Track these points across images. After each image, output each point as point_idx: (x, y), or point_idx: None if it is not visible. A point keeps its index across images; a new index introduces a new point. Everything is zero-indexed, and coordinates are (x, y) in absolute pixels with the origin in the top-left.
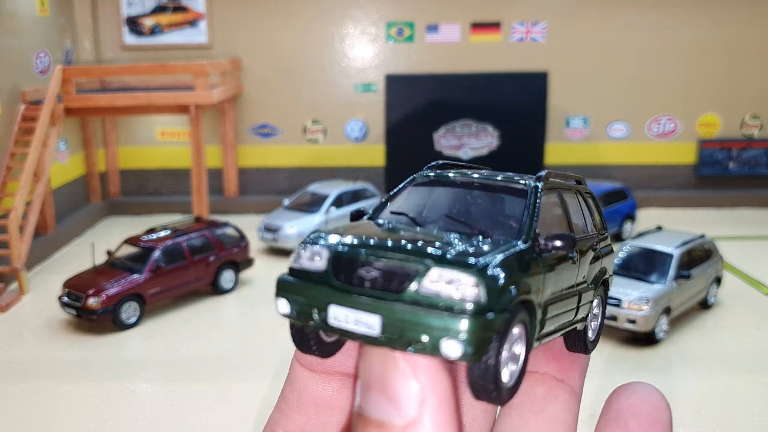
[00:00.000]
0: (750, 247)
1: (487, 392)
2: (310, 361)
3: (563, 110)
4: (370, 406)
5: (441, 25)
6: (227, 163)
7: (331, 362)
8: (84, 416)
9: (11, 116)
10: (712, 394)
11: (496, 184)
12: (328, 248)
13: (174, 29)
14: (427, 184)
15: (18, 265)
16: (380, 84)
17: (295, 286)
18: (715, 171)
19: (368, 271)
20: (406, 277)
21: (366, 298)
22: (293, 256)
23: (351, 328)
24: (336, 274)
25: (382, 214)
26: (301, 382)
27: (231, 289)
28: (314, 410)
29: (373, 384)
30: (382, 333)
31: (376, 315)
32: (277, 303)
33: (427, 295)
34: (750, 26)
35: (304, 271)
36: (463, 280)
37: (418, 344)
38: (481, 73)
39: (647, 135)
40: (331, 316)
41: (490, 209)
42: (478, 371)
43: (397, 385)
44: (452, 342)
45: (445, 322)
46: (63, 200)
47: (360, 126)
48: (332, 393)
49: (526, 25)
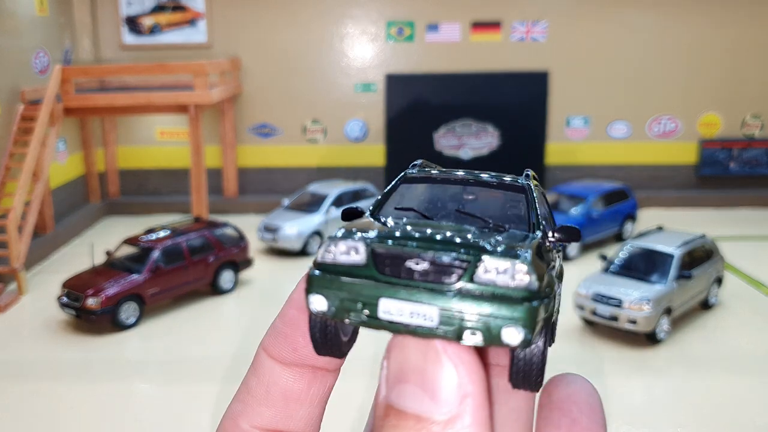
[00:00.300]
0: (751, 248)
1: (530, 379)
2: (281, 353)
3: (564, 110)
4: (406, 400)
5: (441, 24)
6: (227, 163)
7: (303, 355)
8: (83, 417)
9: (10, 116)
10: (713, 394)
11: (492, 181)
12: (366, 242)
13: (173, 29)
14: (418, 181)
15: (17, 266)
16: (380, 84)
17: (334, 282)
18: (716, 171)
19: (417, 263)
20: (459, 268)
21: (421, 290)
22: (321, 252)
23: (406, 321)
24: (378, 267)
25: (385, 212)
26: (271, 375)
27: (230, 290)
28: (283, 403)
29: (411, 377)
30: (440, 324)
31: (434, 306)
32: (310, 300)
33: (482, 284)
34: (750, 26)
35: (338, 266)
36: (518, 268)
37: (477, 333)
38: (481, 72)
39: (648, 135)
40: (381, 309)
41: (493, 205)
42: (525, 358)
43: (439, 379)
44: (513, 329)
45: (507, 310)
46: (62, 200)
47: (360, 126)
48: (303, 386)
49: (526, 25)
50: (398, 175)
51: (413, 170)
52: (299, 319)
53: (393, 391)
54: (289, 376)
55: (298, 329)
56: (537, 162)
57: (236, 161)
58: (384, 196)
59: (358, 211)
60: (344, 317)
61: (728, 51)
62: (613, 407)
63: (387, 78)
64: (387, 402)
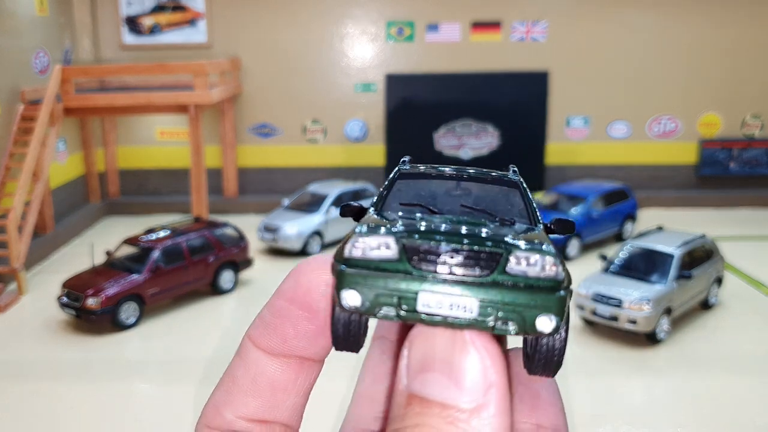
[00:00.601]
0: (751, 248)
1: (551, 365)
2: (269, 344)
3: (564, 110)
4: (431, 388)
5: (441, 24)
6: (227, 163)
7: (292, 346)
8: (83, 417)
9: (10, 116)
10: (713, 394)
11: (486, 177)
12: (396, 237)
13: (173, 29)
14: (414, 177)
15: (17, 266)
16: (380, 84)
17: (368, 277)
18: (716, 171)
19: (452, 257)
20: (492, 260)
21: (459, 282)
22: (349, 247)
23: (445, 313)
24: (411, 261)
25: (389, 207)
26: (257, 365)
27: (230, 290)
28: (270, 393)
29: (437, 365)
30: (479, 315)
31: (473, 298)
32: (342, 296)
33: (514, 275)
34: (750, 26)
35: (369, 261)
36: (547, 259)
37: (511, 323)
38: (481, 72)
39: (648, 135)
40: (421, 302)
41: (492, 199)
42: (549, 345)
43: (465, 368)
44: (545, 317)
45: (540, 299)
46: (62, 200)
47: (360, 126)
48: (291, 376)
49: (526, 25)
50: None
51: (407, 166)
52: (288, 311)
53: (416, 380)
54: (277, 366)
55: (288, 320)
56: (537, 162)
57: (236, 161)
58: (384, 193)
59: (358, 206)
60: (377, 312)
61: (728, 51)
62: (614, 407)
63: (387, 78)
64: (410, 391)
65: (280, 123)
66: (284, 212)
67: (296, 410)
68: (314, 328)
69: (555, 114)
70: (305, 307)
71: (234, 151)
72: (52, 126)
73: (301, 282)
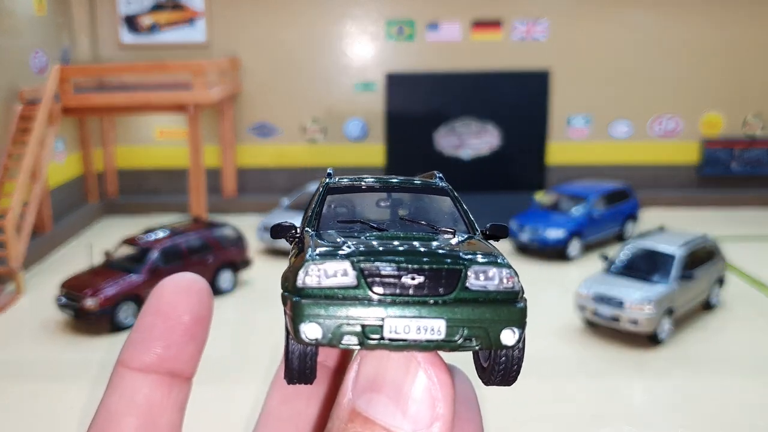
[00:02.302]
0: (753, 248)
1: (509, 376)
2: (141, 359)
3: (565, 109)
4: (377, 410)
5: (441, 23)
6: (226, 163)
7: (161, 357)
8: (81, 417)
9: (8, 116)
10: (714, 395)
11: (415, 186)
12: (351, 261)
13: (172, 28)
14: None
15: (15, 266)
16: (380, 83)
17: (327, 307)
18: (718, 171)
19: (414, 278)
20: (452, 278)
21: (424, 304)
22: (302, 276)
23: (413, 337)
24: (371, 286)
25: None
26: (133, 385)
27: (229, 290)
28: (147, 409)
29: (385, 388)
30: (447, 335)
31: (440, 318)
32: (302, 330)
33: (475, 291)
34: (752, 25)
35: (325, 290)
36: (504, 272)
37: (477, 338)
38: (481, 71)
39: (649, 134)
40: (387, 329)
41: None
42: (508, 356)
43: (414, 396)
44: (509, 331)
45: (506, 313)
46: (60, 200)
47: (360, 125)
48: (165, 391)
49: (527, 24)
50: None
51: (332, 180)
52: (154, 324)
53: (362, 398)
54: (151, 383)
55: (155, 333)
56: (538, 161)
57: (235, 161)
58: (316, 210)
59: (290, 225)
60: (339, 342)
61: (730, 50)
62: (614, 407)
63: (387, 77)
64: (354, 407)
65: (279, 122)
66: (284, 212)
67: (174, 428)
68: (181, 336)
69: (556, 113)
70: (170, 318)
71: (233, 151)
72: (51, 126)
73: (165, 296)
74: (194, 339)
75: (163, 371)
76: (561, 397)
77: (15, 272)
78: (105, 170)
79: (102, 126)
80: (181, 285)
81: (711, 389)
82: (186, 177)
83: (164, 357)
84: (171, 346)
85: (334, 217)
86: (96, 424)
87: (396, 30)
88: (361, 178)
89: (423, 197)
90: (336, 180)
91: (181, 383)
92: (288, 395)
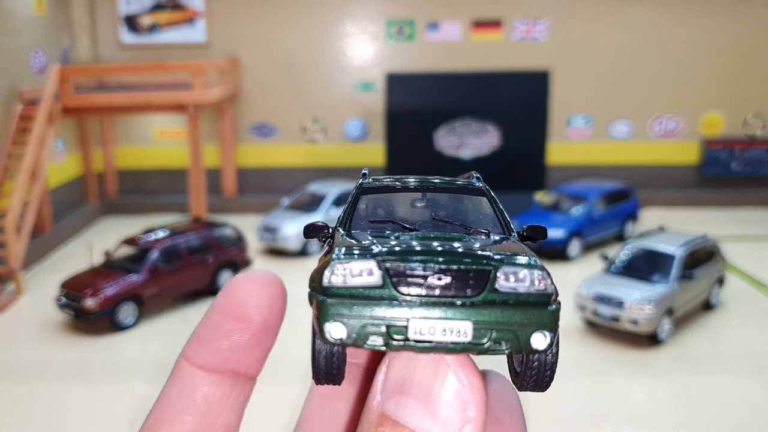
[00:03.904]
0: (753, 248)
1: (542, 381)
2: (204, 359)
3: (565, 109)
4: (406, 413)
5: (442, 23)
6: (225, 163)
7: (225, 359)
8: (81, 418)
9: (8, 116)
10: (714, 395)
11: (451, 186)
12: (378, 260)
13: (172, 27)
14: (376, 191)
15: (15, 266)
16: (380, 83)
17: (353, 307)
18: (718, 171)
19: (440, 278)
20: (481, 279)
21: (450, 305)
22: (327, 275)
23: (438, 339)
24: (397, 286)
25: (358, 226)
26: (193, 381)
27: None
28: (205, 409)
29: (414, 390)
30: (474, 338)
31: (467, 320)
32: (326, 329)
33: (504, 293)
34: (753, 25)
35: (350, 289)
36: (536, 274)
37: (507, 342)
38: (482, 71)
39: (649, 134)
40: (412, 330)
41: (461, 209)
42: (541, 360)
43: (444, 400)
44: (540, 334)
45: (536, 316)
46: (60, 200)
47: (360, 125)
48: (225, 391)
49: (527, 24)
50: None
51: (368, 180)
52: (223, 323)
53: (391, 400)
54: (212, 381)
55: (222, 333)
56: (538, 161)
57: (235, 161)
58: (349, 210)
59: (323, 225)
60: (364, 343)
61: (730, 50)
62: (615, 408)
63: (387, 77)
64: (383, 410)
65: (279, 122)
66: (283, 212)
67: (230, 428)
68: (248, 339)
69: (556, 113)
70: (239, 318)
71: (233, 151)
72: (51, 126)
73: (235, 294)
74: (261, 343)
75: (226, 371)
76: (561, 397)
77: (15, 272)
78: (105, 170)
79: (102, 126)
80: (254, 283)
81: (711, 389)
82: (186, 177)
83: (228, 359)
84: (236, 350)
85: (367, 218)
86: (153, 416)
87: (396, 30)
88: (398, 178)
89: (459, 197)
90: (370, 180)
91: (244, 383)
92: (327, 397)
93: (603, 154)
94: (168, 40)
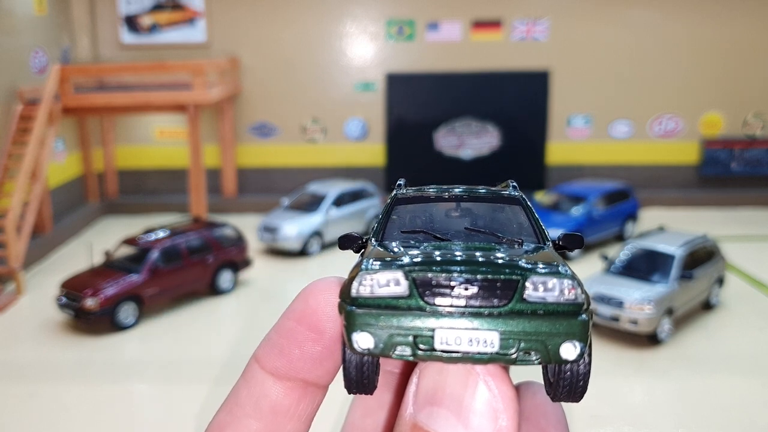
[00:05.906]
0: (752, 248)
1: (575, 391)
2: (275, 366)
3: (565, 109)
4: (438, 424)
5: (441, 23)
6: (226, 163)
7: (297, 368)
8: (81, 418)
9: (8, 116)
10: (714, 395)
11: (486, 196)
12: (405, 271)
13: (172, 28)
14: (410, 201)
15: (15, 266)
16: (380, 83)
17: (379, 317)
18: (718, 171)
19: (467, 288)
20: (508, 288)
21: (477, 315)
22: (356, 285)
23: (464, 349)
24: (423, 296)
25: (390, 236)
26: (262, 387)
27: (229, 290)
28: (272, 417)
29: (446, 401)
30: (501, 348)
31: (494, 330)
32: (353, 339)
33: (533, 302)
34: (752, 25)
35: (378, 299)
36: (565, 283)
37: (536, 353)
38: (482, 71)
39: (649, 134)
40: (438, 340)
41: (495, 218)
42: (573, 371)
43: (476, 410)
44: (569, 344)
45: (565, 326)
46: (60, 200)
47: (360, 125)
48: (294, 401)
49: (527, 24)
50: (399, 175)
51: (403, 190)
52: (296, 332)
53: (423, 411)
54: (281, 389)
55: (295, 342)
56: (538, 162)
57: (235, 161)
58: (382, 220)
59: (358, 236)
60: (392, 352)
61: (730, 50)
62: (614, 408)
63: (387, 77)
64: (415, 421)
65: (279, 122)
66: (284, 212)
67: None
68: (320, 350)
69: (556, 113)
70: (313, 328)
71: (233, 151)
72: (51, 126)
73: (310, 303)
74: (333, 354)
75: (296, 380)
76: None
77: (15, 272)
78: (105, 170)
79: (102, 126)
80: (330, 293)
81: (711, 389)
82: (186, 177)
83: (299, 368)
84: (307, 360)
85: (400, 228)
86: (221, 416)
87: (396, 30)
88: (433, 188)
89: (494, 207)
90: (405, 191)
91: (314, 392)
92: (370, 407)
93: (603, 154)
94: (168, 40)
